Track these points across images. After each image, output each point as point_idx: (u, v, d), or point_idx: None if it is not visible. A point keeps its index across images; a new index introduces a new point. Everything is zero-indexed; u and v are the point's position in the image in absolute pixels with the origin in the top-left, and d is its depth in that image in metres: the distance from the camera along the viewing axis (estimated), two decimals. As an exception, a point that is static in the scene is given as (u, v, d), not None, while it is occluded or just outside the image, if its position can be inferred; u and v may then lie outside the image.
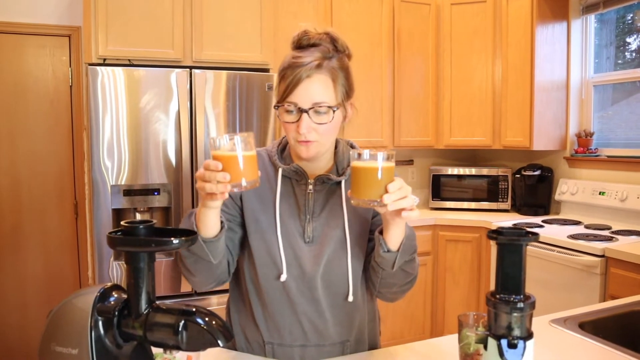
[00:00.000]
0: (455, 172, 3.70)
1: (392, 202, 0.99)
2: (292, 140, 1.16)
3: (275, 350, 1.24)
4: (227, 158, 0.98)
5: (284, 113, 1.14)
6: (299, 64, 1.11)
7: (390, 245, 1.10)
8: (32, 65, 3.29)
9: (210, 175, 0.98)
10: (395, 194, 0.99)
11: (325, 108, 1.12)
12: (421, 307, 3.37)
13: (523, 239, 0.86)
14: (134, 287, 0.89)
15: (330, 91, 1.13)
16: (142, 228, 0.88)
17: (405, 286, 1.21)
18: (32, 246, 3.34)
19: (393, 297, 1.26)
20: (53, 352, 0.88)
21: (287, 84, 1.11)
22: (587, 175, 3.29)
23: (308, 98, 1.11)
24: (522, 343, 0.85)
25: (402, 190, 1.00)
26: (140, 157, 2.66)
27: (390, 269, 1.12)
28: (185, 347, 0.85)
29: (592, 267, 2.47)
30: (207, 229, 1.09)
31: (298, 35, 1.17)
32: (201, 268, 1.15)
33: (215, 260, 1.13)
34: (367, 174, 0.99)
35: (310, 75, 1.11)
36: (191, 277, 1.19)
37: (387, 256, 1.10)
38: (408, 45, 3.60)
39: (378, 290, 1.23)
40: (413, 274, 1.19)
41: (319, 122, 1.13)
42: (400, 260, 1.11)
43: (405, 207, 1.01)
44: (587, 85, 3.38)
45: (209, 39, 2.84)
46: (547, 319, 1.45)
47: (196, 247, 1.10)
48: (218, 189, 0.99)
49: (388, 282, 1.18)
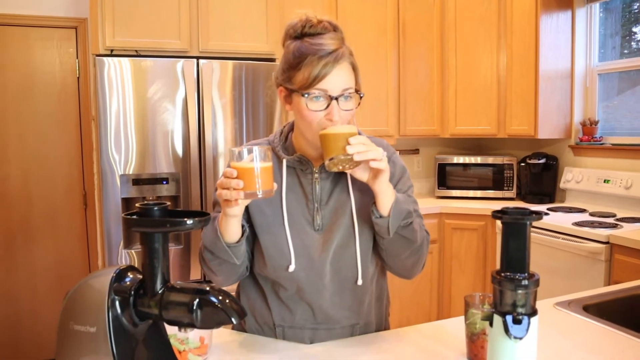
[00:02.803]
0: (461, 161, 3.71)
1: (357, 153, 1.04)
2: (317, 127, 1.13)
3: (285, 332, 1.27)
4: (243, 168, 1.04)
5: (310, 101, 1.13)
6: (324, 51, 1.11)
7: (381, 211, 1.13)
8: (39, 57, 3.32)
9: (226, 183, 1.04)
10: (357, 146, 1.05)
11: (352, 94, 1.15)
12: (427, 294, 3.41)
13: (527, 218, 0.88)
14: (149, 267, 0.91)
15: (353, 77, 1.16)
16: (157, 210, 0.90)
17: (412, 257, 1.21)
18: (42, 236, 3.38)
19: (405, 270, 1.27)
20: (72, 330, 0.90)
21: (315, 72, 1.10)
22: (592, 164, 3.30)
23: (338, 85, 1.12)
24: (527, 319, 0.88)
25: (366, 145, 1.06)
26: (148, 147, 2.69)
27: (387, 235, 1.15)
28: (199, 325, 0.88)
29: (596, 253, 2.49)
30: (229, 234, 1.14)
31: (301, 23, 1.16)
32: (225, 269, 1.21)
33: (238, 262, 1.19)
34: (330, 137, 1.08)
35: (340, 62, 1.12)
36: (214, 276, 1.24)
37: (379, 222, 1.13)
38: (413, 35, 3.61)
39: (389, 265, 1.25)
40: (415, 242, 1.19)
41: (346, 108, 1.14)
42: (394, 224, 1.13)
43: (374, 158, 1.06)
44: (591, 73, 3.38)
45: (215, 29, 2.86)
46: (552, 302, 1.47)
47: (220, 251, 1.15)
48: (232, 195, 1.03)
49: (392, 253, 1.21)
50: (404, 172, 1.29)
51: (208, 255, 1.19)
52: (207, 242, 1.17)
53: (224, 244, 1.14)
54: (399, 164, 1.29)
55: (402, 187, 1.26)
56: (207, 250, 1.18)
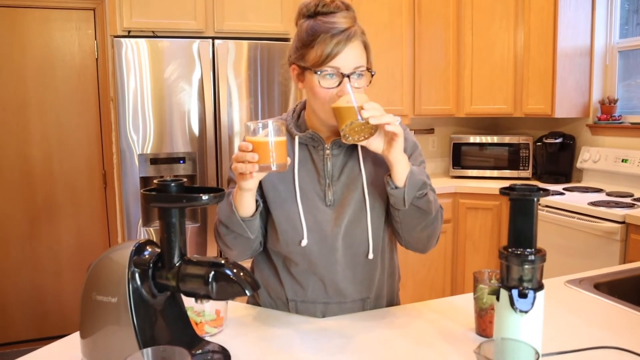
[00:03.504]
0: (477, 141, 3.69)
1: (372, 117, 1.06)
2: (329, 104, 1.15)
3: (298, 306, 1.31)
4: (258, 142, 1.06)
5: (323, 78, 1.15)
6: (337, 29, 1.13)
7: (396, 182, 1.15)
8: (59, 39, 3.36)
9: (241, 156, 1.06)
10: (371, 110, 1.07)
11: (364, 72, 1.17)
12: (441, 273, 3.43)
13: (534, 194, 0.89)
14: (166, 241, 0.95)
15: (364, 55, 1.18)
16: (174, 186, 0.94)
17: (427, 229, 1.23)
18: (64, 215, 3.47)
19: (420, 244, 1.28)
20: (94, 300, 0.95)
21: (327, 50, 1.13)
22: (610, 143, 3.26)
23: (351, 62, 1.15)
24: (533, 293, 0.90)
25: (378, 109, 1.08)
26: (165, 127, 2.73)
27: (402, 206, 1.17)
28: (215, 296, 0.92)
29: (612, 233, 2.48)
30: (244, 208, 1.17)
31: (315, 2, 1.18)
32: (240, 243, 1.24)
33: (252, 236, 1.22)
34: (343, 108, 1.09)
35: (352, 40, 1.14)
36: (229, 251, 1.27)
37: (395, 193, 1.15)
38: (428, 13, 3.57)
39: (404, 239, 1.27)
40: (430, 213, 1.20)
41: (358, 85, 1.17)
42: (410, 195, 1.15)
43: (389, 122, 1.08)
44: (611, 51, 3.32)
45: (230, 10, 2.87)
46: (563, 279, 1.48)
47: (235, 225, 1.18)
48: (247, 168, 1.06)
49: (408, 225, 1.22)
50: (415, 148, 1.31)
51: (223, 229, 1.22)
52: (223, 216, 1.20)
53: (239, 218, 1.17)
54: (411, 140, 1.30)
55: (414, 163, 1.27)
56: (222, 225, 1.22)
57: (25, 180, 3.38)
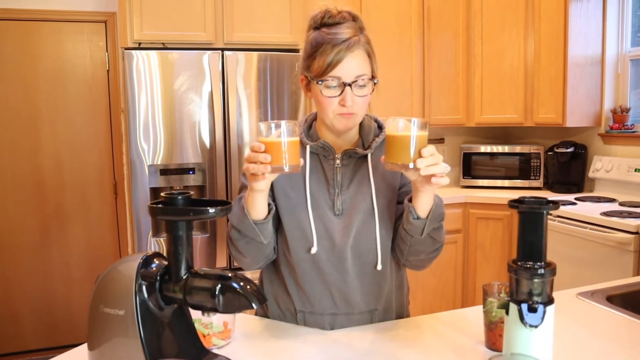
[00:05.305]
0: (487, 150, 3.67)
1: (425, 167, 1.02)
2: (332, 114, 1.18)
3: (306, 318, 1.30)
4: (271, 142, 1.05)
5: (325, 88, 1.17)
6: (338, 40, 1.15)
7: (419, 213, 1.13)
8: (70, 51, 3.41)
9: (254, 157, 1.05)
10: (428, 159, 1.02)
11: (366, 80, 1.18)
12: (452, 283, 3.40)
13: (544, 207, 0.88)
14: (173, 254, 0.95)
15: (368, 64, 1.19)
16: (181, 199, 0.94)
17: (433, 254, 1.23)
18: (75, 225, 3.50)
19: (420, 265, 1.29)
20: (102, 312, 0.95)
21: (328, 59, 1.14)
22: (622, 152, 3.23)
23: (351, 72, 1.15)
24: (542, 307, 0.89)
25: (435, 156, 1.04)
26: (175, 138, 2.75)
27: (419, 236, 1.16)
28: (221, 309, 0.92)
29: (625, 244, 2.45)
30: (256, 211, 1.16)
31: (321, 14, 1.20)
32: (252, 249, 1.22)
33: (265, 241, 1.20)
34: (402, 140, 1.03)
35: (352, 50, 1.15)
36: (242, 258, 1.26)
37: (416, 223, 1.14)
38: (438, 22, 3.57)
39: (406, 258, 1.26)
40: (440, 242, 1.21)
41: (360, 94, 1.18)
42: (429, 227, 1.14)
43: (437, 173, 1.04)
44: (623, 59, 3.29)
45: (240, 21, 2.89)
46: (575, 291, 1.46)
47: (248, 229, 1.17)
48: (259, 169, 1.05)
49: (416, 250, 1.22)
50: None
51: (235, 234, 1.21)
52: (234, 220, 1.19)
53: (251, 221, 1.15)
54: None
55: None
56: (234, 229, 1.20)
57: (37, 190, 3.41)
